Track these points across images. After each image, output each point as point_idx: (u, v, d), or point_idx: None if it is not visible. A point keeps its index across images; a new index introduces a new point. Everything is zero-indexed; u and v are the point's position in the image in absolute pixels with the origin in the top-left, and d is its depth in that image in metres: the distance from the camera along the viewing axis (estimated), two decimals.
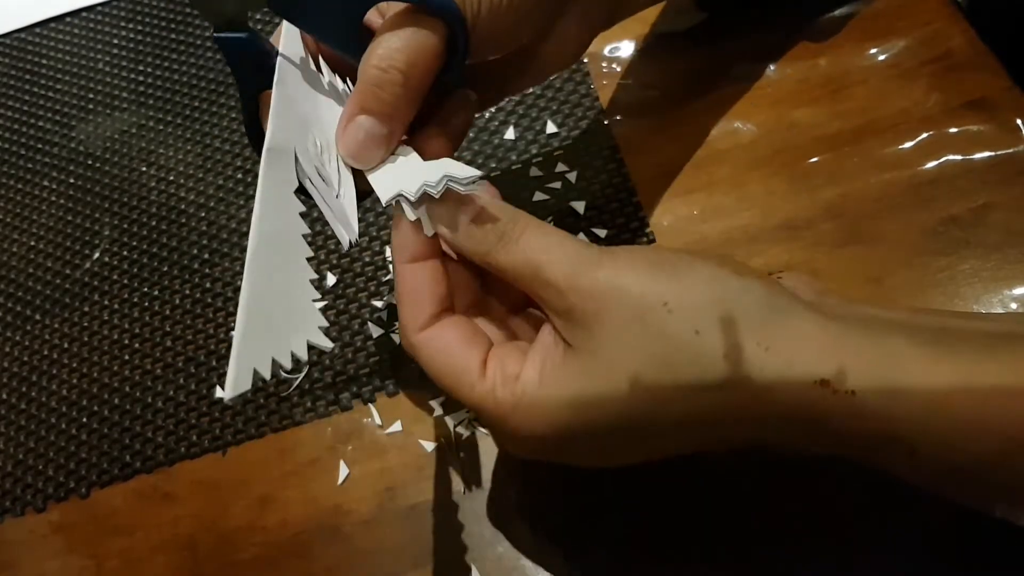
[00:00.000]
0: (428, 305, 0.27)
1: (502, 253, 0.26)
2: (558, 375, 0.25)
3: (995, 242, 0.36)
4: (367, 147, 0.27)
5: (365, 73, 0.27)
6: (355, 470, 0.37)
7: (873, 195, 0.39)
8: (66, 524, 0.39)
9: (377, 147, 0.28)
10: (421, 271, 0.27)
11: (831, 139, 0.41)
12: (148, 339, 0.43)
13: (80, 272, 0.47)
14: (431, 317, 0.27)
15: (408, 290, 0.27)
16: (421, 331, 0.27)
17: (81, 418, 0.42)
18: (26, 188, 0.51)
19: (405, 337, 0.27)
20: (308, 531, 0.37)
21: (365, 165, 0.28)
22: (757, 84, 0.43)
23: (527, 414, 0.25)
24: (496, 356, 0.27)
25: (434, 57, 0.27)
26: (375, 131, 0.27)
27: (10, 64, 0.57)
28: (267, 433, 0.39)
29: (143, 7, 0.57)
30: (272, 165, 0.27)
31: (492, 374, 0.26)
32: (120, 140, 0.51)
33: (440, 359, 0.27)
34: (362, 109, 0.27)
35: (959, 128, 0.39)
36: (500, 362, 0.26)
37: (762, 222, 0.39)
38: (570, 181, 0.43)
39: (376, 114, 0.27)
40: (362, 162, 0.28)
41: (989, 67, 0.41)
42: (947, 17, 0.42)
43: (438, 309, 0.27)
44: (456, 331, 0.27)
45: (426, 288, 0.27)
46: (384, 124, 0.27)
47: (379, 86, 0.27)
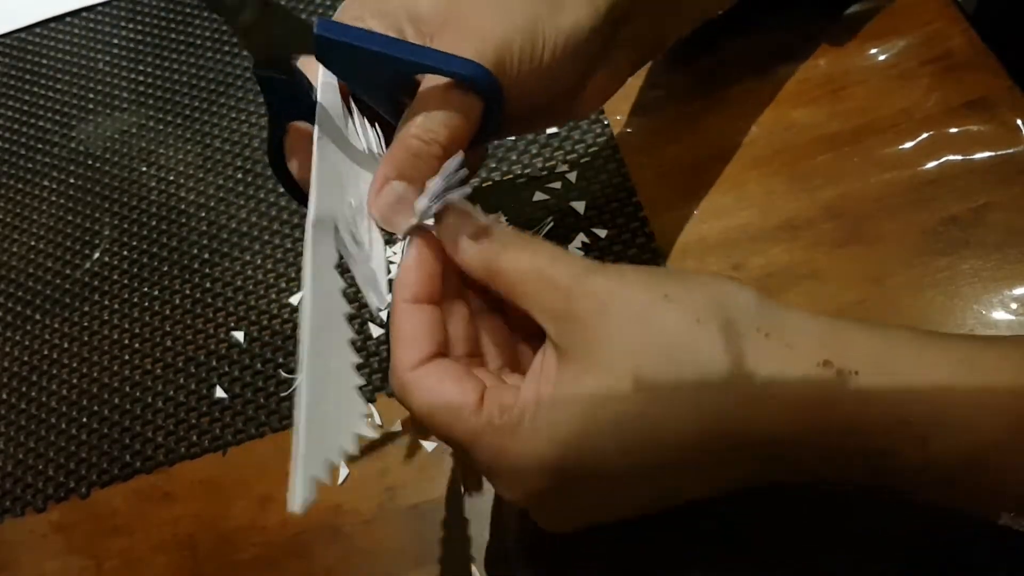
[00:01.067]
0: (424, 345, 0.26)
1: (506, 258, 0.26)
2: (556, 386, 0.24)
3: (995, 242, 0.36)
4: (398, 212, 0.27)
5: (405, 141, 0.27)
6: (355, 470, 0.37)
7: (873, 195, 0.39)
8: (66, 524, 0.39)
9: (408, 212, 0.27)
10: (420, 312, 0.27)
11: (831, 139, 0.41)
12: (148, 339, 0.43)
13: (80, 272, 0.47)
14: (425, 357, 0.26)
15: (405, 328, 0.26)
16: (413, 369, 0.26)
17: (81, 418, 0.42)
18: (26, 188, 0.51)
19: (395, 375, 0.26)
20: (308, 531, 0.37)
21: (393, 229, 0.28)
22: (757, 84, 0.43)
23: (527, 438, 0.24)
24: (492, 392, 0.26)
25: (472, 131, 0.28)
26: (408, 197, 0.27)
27: (10, 64, 0.57)
28: (267, 433, 0.39)
29: (143, 7, 0.57)
30: (319, 241, 0.26)
31: (488, 406, 0.25)
32: (120, 140, 0.51)
33: (433, 396, 0.26)
34: (399, 175, 0.27)
35: (959, 128, 0.39)
36: (497, 397, 0.25)
37: (762, 222, 0.39)
38: (570, 181, 0.43)
39: (411, 180, 0.27)
40: (391, 226, 0.28)
41: (989, 67, 0.41)
42: (947, 17, 0.42)
43: (433, 351, 0.26)
44: (450, 370, 0.26)
45: (424, 328, 0.26)
46: (417, 192, 0.27)
47: (418, 156, 0.27)
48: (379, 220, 0.28)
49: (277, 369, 0.41)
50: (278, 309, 0.43)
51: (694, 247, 0.39)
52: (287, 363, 0.41)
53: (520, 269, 0.26)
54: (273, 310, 0.43)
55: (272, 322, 0.42)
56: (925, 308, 0.36)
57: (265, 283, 0.44)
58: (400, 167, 0.27)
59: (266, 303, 0.43)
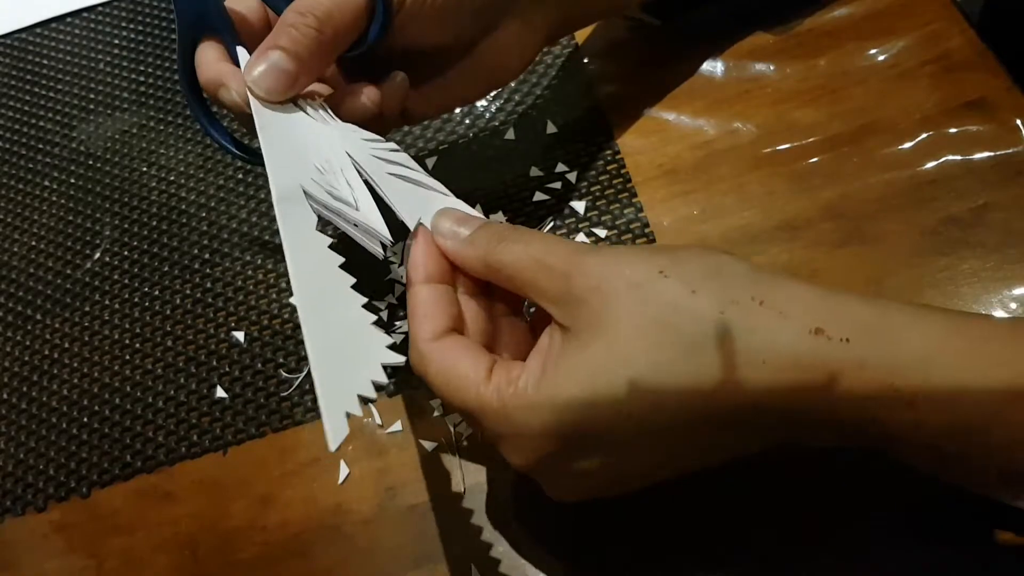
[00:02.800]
0: (440, 320, 0.28)
1: (502, 251, 0.27)
2: (560, 361, 0.26)
3: (995, 242, 0.36)
4: (272, 78, 0.30)
5: (284, 16, 0.30)
6: (355, 470, 0.37)
7: (873, 195, 0.39)
8: (67, 524, 0.39)
9: (279, 81, 0.30)
10: (434, 289, 0.28)
11: (831, 139, 0.41)
12: (148, 339, 0.43)
13: (81, 272, 0.47)
14: (441, 331, 0.27)
15: (422, 304, 0.28)
16: (430, 341, 0.27)
17: (82, 418, 0.42)
18: (27, 188, 0.51)
19: (415, 347, 0.28)
20: (308, 531, 0.37)
21: (270, 97, 0.30)
22: (757, 84, 0.43)
23: (534, 400, 0.25)
24: (500, 366, 0.27)
25: (352, 15, 0.31)
26: (282, 65, 0.30)
27: (11, 64, 0.57)
28: (267, 433, 0.39)
29: (143, 7, 0.57)
30: (287, 214, 0.28)
31: (496, 377, 0.26)
32: (121, 140, 0.51)
33: (447, 367, 0.27)
34: (275, 45, 0.30)
35: (959, 128, 0.39)
36: (504, 369, 0.27)
37: (762, 222, 0.39)
38: (570, 181, 0.43)
39: (286, 51, 0.30)
40: (267, 93, 0.30)
41: (989, 67, 0.41)
42: (947, 17, 0.42)
43: (450, 325, 0.28)
44: (464, 344, 0.28)
45: (438, 304, 0.28)
46: (292, 62, 0.30)
47: (294, 27, 0.30)
48: (252, 85, 0.30)
49: (277, 369, 0.41)
50: (278, 309, 0.43)
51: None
52: (287, 363, 0.41)
53: (517, 260, 0.27)
54: (273, 310, 0.43)
55: (272, 322, 0.42)
56: None
57: (265, 283, 0.44)
58: (276, 38, 0.30)
59: (266, 303, 0.43)
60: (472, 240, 0.28)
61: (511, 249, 0.27)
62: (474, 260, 0.28)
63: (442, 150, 0.46)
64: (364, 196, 0.29)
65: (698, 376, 0.24)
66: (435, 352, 0.27)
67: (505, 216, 0.43)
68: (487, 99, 0.47)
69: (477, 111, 0.47)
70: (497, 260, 0.27)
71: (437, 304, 0.28)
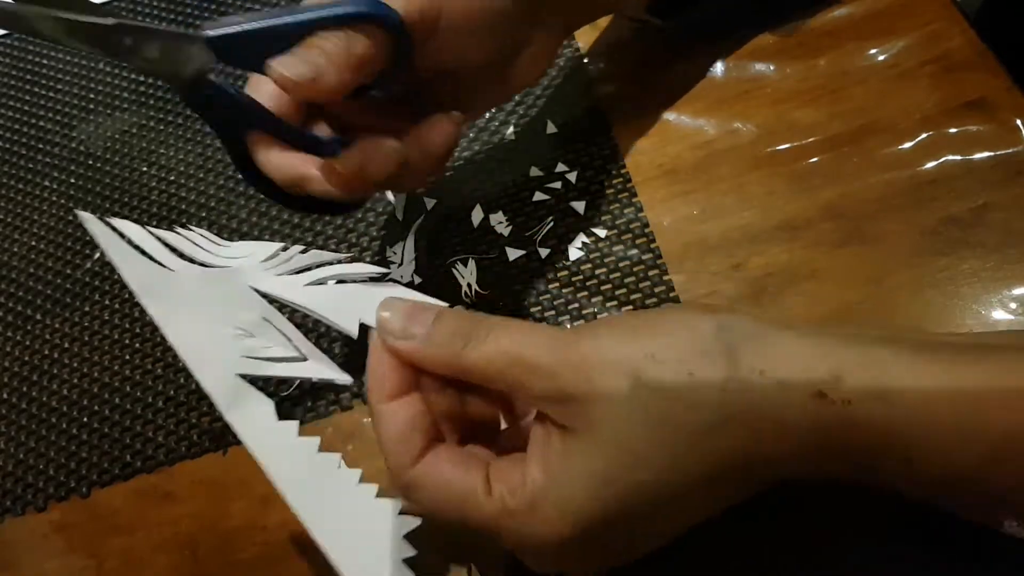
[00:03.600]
0: (417, 440, 0.26)
1: (472, 352, 0.25)
2: (564, 464, 0.24)
3: (995, 242, 0.36)
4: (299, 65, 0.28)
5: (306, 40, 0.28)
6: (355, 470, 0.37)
7: (873, 195, 0.39)
8: (67, 524, 0.39)
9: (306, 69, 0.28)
10: (402, 407, 0.26)
11: (831, 139, 0.41)
12: (148, 339, 0.43)
13: (81, 272, 0.47)
14: (421, 451, 0.26)
15: (392, 429, 0.26)
16: (413, 467, 0.25)
17: (82, 418, 0.42)
18: (27, 188, 0.51)
19: (397, 479, 0.26)
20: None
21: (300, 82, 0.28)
22: (757, 84, 0.43)
23: (546, 515, 0.24)
24: (496, 472, 0.25)
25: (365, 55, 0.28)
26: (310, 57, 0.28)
27: (11, 64, 0.57)
28: None
29: (143, 7, 0.57)
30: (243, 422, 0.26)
31: (498, 490, 0.25)
32: (121, 140, 0.51)
33: (441, 490, 0.25)
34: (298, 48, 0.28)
35: (959, 128, 0.39)
36: (502, 476, 0.25)
37: (762, 222, 0.39)
38: (570, 181, 0.43)
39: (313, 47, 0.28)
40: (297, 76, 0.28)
41: (989, 67, 0.41)
42: (947, 17, 0.42)
43: (427, 442, 0.26)
44: (450, 457, 0.26)
45: (411, 422, 0.26)
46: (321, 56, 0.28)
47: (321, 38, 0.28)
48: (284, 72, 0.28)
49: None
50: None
51: (694, 247, 0.39)
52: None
53: (491, 362, 0.25)
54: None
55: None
56: (925, 308, 0.36)
57: None
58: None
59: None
60: (432, 341, 0.26)
61: (481, 350, 0.25)
62: (438, 365, 0.26)
63: None
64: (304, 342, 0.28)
65: (705, 459, 0.24)
66: (421, 478, 0.25)
67: (505, 216, 0.43)
68: None
69: None
70: (468, 365, 0.25)
71: (410, 423, 0.26)
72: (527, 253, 0.41)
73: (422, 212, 0.44)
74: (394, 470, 0.26)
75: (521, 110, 0.46)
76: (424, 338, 0.26)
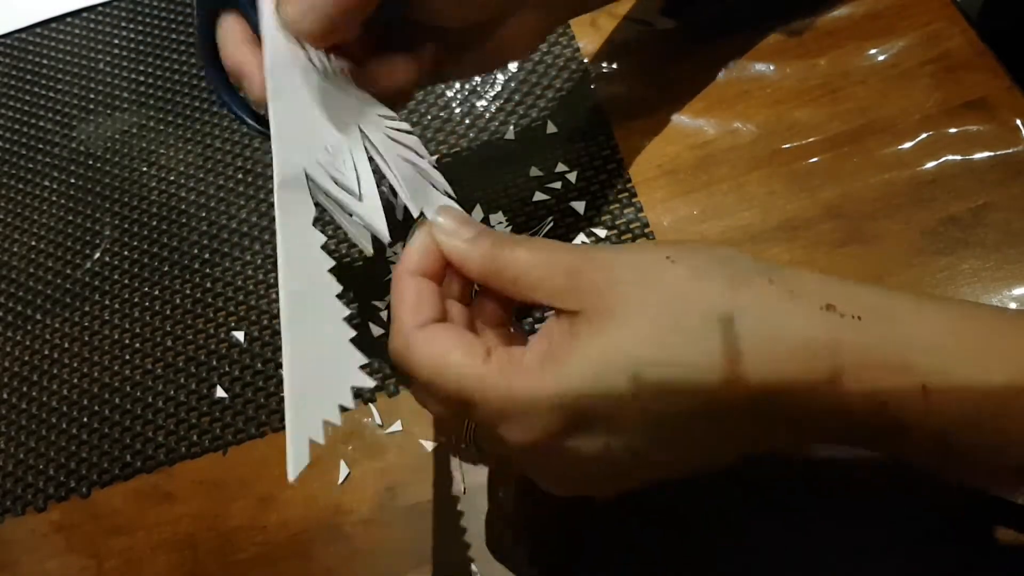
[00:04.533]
0: (427, 310, 0.26)
1: (507, 254, 0.27)
2: (567, 340, 0.25)
3: (995, 242, 0.36)
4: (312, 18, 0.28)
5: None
6: (355, 470, 0.37)
7: (873, 195, 0.39)
8: (67, 524, 0.39)
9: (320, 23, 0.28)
10: (423, 282, 0.27)
11: (831, 139, 0.41)
12: (148, 339, 0.43)
13: (81, 272, 0.47)
14: (428, 320, 0.26)
15: (407, 295, 0.27)
16: (421, 328, 0.26)
17: (82, 418, 0.42)
18: (27, 188, 0.51)
19: (398, 336, 0.26)
20: (308, 531, 0.37)
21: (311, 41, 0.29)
22: (757, 84, 0.43)
23: (538, 378, 0.24)
24: (497, 348, 0.26)
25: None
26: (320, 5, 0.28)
27: (11, 64, 0.57)
28: (267, 433, 0.39)
29: (143, 7, 0.57)
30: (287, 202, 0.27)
31: (497, 357, 0.25)
32: (121, 140, 0.51)
33: (439, 352, 0.25)
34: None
35: (959, 128, 0.39)
36: (503, 350, 0.26)
37: (762, 222, 0.39)
38: (570, 181, 0.43)
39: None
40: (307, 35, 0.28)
41: (989, 67, 0.41)
42: (947, 17, 0.42)
43: (435, 316, 0.27)
44: (457, 330, 0.26)
45: (426, 295, 0.27)
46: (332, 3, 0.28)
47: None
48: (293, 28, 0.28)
49: (277, 369, 0.41)
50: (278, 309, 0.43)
51: None
52: None
53: (521, 262, 0.26)
54: (273, 310, 0.43)
55: (272, 322, 0.42)
56: None
57: (265, 283, 0.44)
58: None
59: (266, 303, 0.43)
60: (475, 241, 0.27)
61: (515, 252, 0.27)
62: (476, 261, 0.27)
63: (442, 150, 0.46)
64: (369, 188, 0.28)
65: (707, 359, 0.24)
66: (424, 338, 0.26)
67: (505, 216, 0.43)
68: (487, 99, 0.47)
69: (477, 111, 0.47)
70: (502, 262, 0.27)
71: (427, 296, 0.27)
72: None
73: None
74: (397, 328, 0.26)
75: (521, 110, 0.46)
76: (469, 239, 0.27)
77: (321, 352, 0.25)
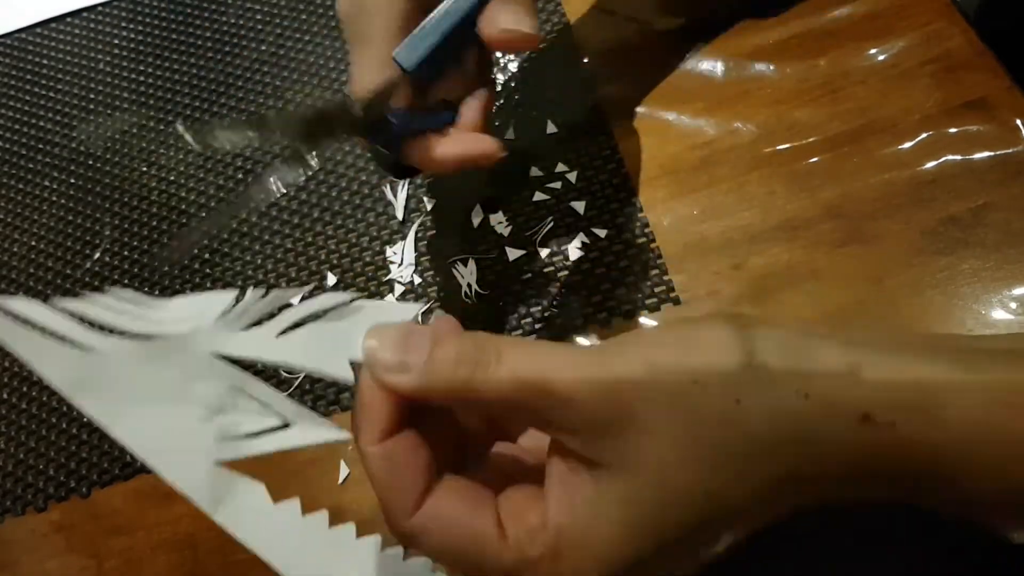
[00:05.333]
0: (417, 482, 0.23)
1: (482, 381, 0.22)
2: (595, 505, 0.22)
3: (994, 242, 0.36)
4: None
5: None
6: (355, 470, 0.37)
7: (873, 195, 0.39)
8: (67, 524, 0.39)
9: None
10: (396, 446, 0.23)
11: (831, 139, 0.41)
12: None
13: (81, 272, 0.47)
14: (420, 495, 0.23)
15: (385, 475, 0.23)
16: (414, 514, 0.23)
17: (82, 418, 0.42)
18: (27, 188, 0.51)
19: (397, 527, 0.23)
20: None
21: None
22: (757, 84, 0.43)
23: (573, 565, 0.22)
24: (508, 510, 0.23)
25: None
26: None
27: (11, 64, 0.57)
28: None
29: (143, 7, 0.57)
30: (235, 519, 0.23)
31: (513, 533, 0.22)
32: (120, 140, 0.51)
33: (448, 538, 0.22)
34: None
35: (959, 128, 0.39)
36: (516, 516, 0.22)
37: (762, 222, 0.39)
38: (570, 181, 0.43)
39: None
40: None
41: (989, 67, 0.41)
42: (947, 17, 0.42)
43: (426, 483, 0.23)
44: (453, 498, 0.23)
45: (407, 464, 0.23)
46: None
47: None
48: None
49: (277, 369, 0.41)
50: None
51: (694, 247, 0.39)
52: None
53: (507, 391, 0.22)
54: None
55: None
56: (924, 308, 0.36)
57: (266, 283, 0.44)
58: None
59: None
60: (433, 372, 0.22)
61: (494, 377, 0.22)
62: (443, 397, 0.22)
63: None
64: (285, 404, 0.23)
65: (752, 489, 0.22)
66: (425, 525, 0.22)
67: (505, 216, 0.43)
68: None
69: None
70: (478, 395, 0.22)
71: (406, 465, 0.23)
72: (527, 253, 0.41)
73: (422, 212, 0.44)
74: (392, 518, 0.23)
75: (521, 110, 0.46)
76: (423, 369, 0.22)
77: None
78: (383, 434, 0.23)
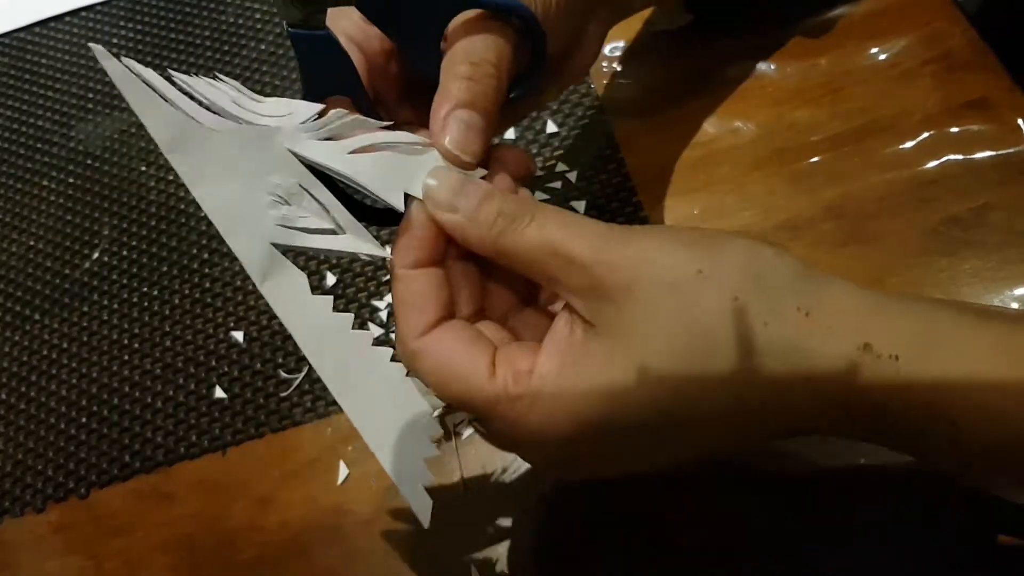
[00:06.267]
0: (430, 311, 0.25)
1: (514, 235, 0.24)
2: (582, 362, 0.23)
3: (995, 242, 0.36)
4: (470, 140, 0.26)
5: (455, 67, 0.27)
6: (355, 470, 0.37)
7: (873, 195, 0.39)
8: (65, 524, 0.39)
9: (477, 139, 0.26)
10: (423, 277, 0.26)
11: (831, 139, 0.41)
12: (148, 339, 0.43)
13: (80, 272, 0.47)
14: (432, 323, 0.25)
15: (408, 296, 0.25)
16: (421, 336, 0.25)
17: (81, 418, 0.42)
18: (26, 188, 0.51)
19: (403, 344, 0.25)
20: (308, 531, 0.36)
21: (470, 158, 0.26)
22: (757, 84, 0.43)
23: (548, 409, 0.23)
24: (504, 355, 0.25)
25: (513, 56, 0.28)
26: (475, 123, 0.26)
27: (10, 64, 0.57)
28: (267, 433, 0.39)
29: (143, 7, 0.57)
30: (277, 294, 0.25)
31: (502, 373, 0.24)
32: (120, 140, 0.51)
33: (443, 364, 0.25)
34: (458, 103, 0.26)
35: (960, 128, 0.39)
36: (509, 361, 0.24)
37: (762, 222, 0.39)
38: (570, 181, 0.43)
39: (473, 107, 0.26)
40: (469, 154, 0.26)
41: (989, 67, 0.41)
42: (947, 17, 0.42)
43: (440, 315, 0.25)
44: (458, 334, 0.25)
45: (428, 293, 0.25)
46: (482, 117, 0.26)
47: (473, 79, 0.26)
48: (454, 150, 0.26)
49: (277, 369, 0.41)
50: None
51: None
52: (287, 363, 0.41)
53: (532, 247, 0.24)
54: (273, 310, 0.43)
55: (272, 322, 0.42)
56: None
57: None
58: (458, 95, 0.26)
59: (266, 303, 0.43)
60: (476, 218, 0.25)
61: (525, 234, 0.24)
62: (478, 243, 0.25)
63: None
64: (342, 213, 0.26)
65: (737, 390, 0.23)
66: (426, 349, 0.25)
67: None
68: None
69: None
70: (508, 248, 0.24)
71: (427, 294, 0.25)
72: None
73: None
74: (402, 336, 0.25)
75: None
76: (469, 213, 0.25)
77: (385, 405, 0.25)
78: (416, 262, 0.25)
